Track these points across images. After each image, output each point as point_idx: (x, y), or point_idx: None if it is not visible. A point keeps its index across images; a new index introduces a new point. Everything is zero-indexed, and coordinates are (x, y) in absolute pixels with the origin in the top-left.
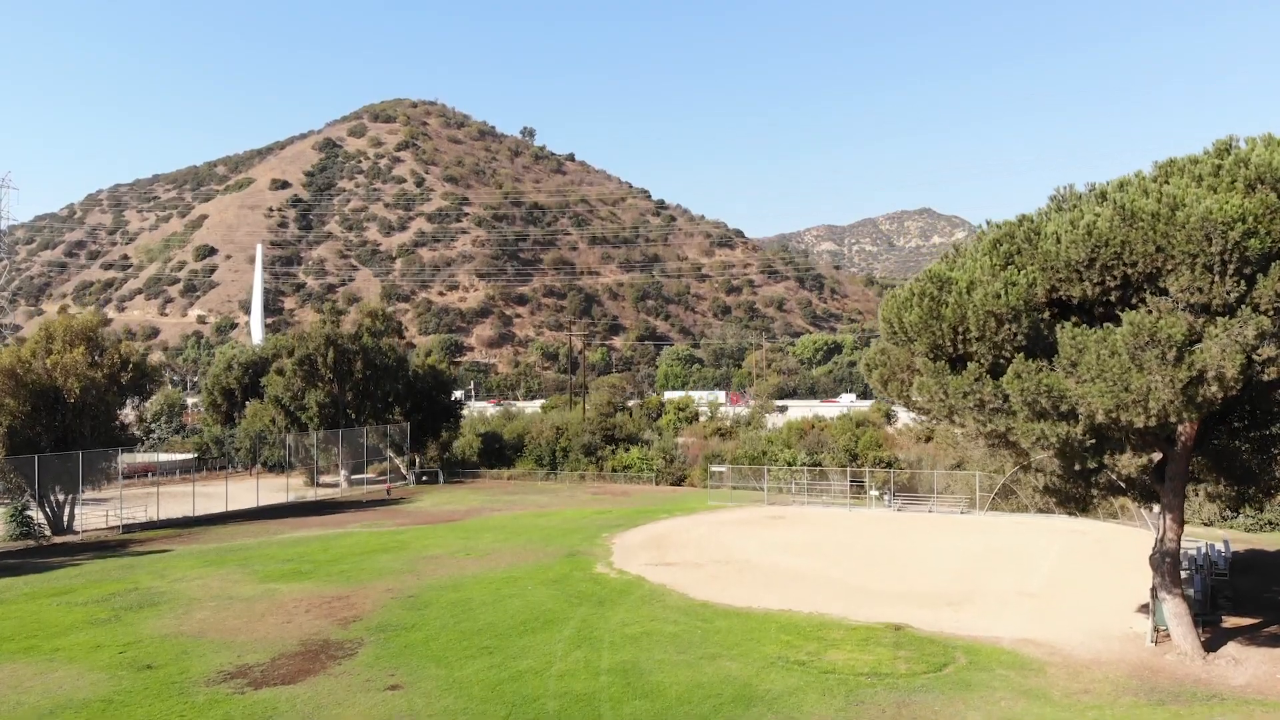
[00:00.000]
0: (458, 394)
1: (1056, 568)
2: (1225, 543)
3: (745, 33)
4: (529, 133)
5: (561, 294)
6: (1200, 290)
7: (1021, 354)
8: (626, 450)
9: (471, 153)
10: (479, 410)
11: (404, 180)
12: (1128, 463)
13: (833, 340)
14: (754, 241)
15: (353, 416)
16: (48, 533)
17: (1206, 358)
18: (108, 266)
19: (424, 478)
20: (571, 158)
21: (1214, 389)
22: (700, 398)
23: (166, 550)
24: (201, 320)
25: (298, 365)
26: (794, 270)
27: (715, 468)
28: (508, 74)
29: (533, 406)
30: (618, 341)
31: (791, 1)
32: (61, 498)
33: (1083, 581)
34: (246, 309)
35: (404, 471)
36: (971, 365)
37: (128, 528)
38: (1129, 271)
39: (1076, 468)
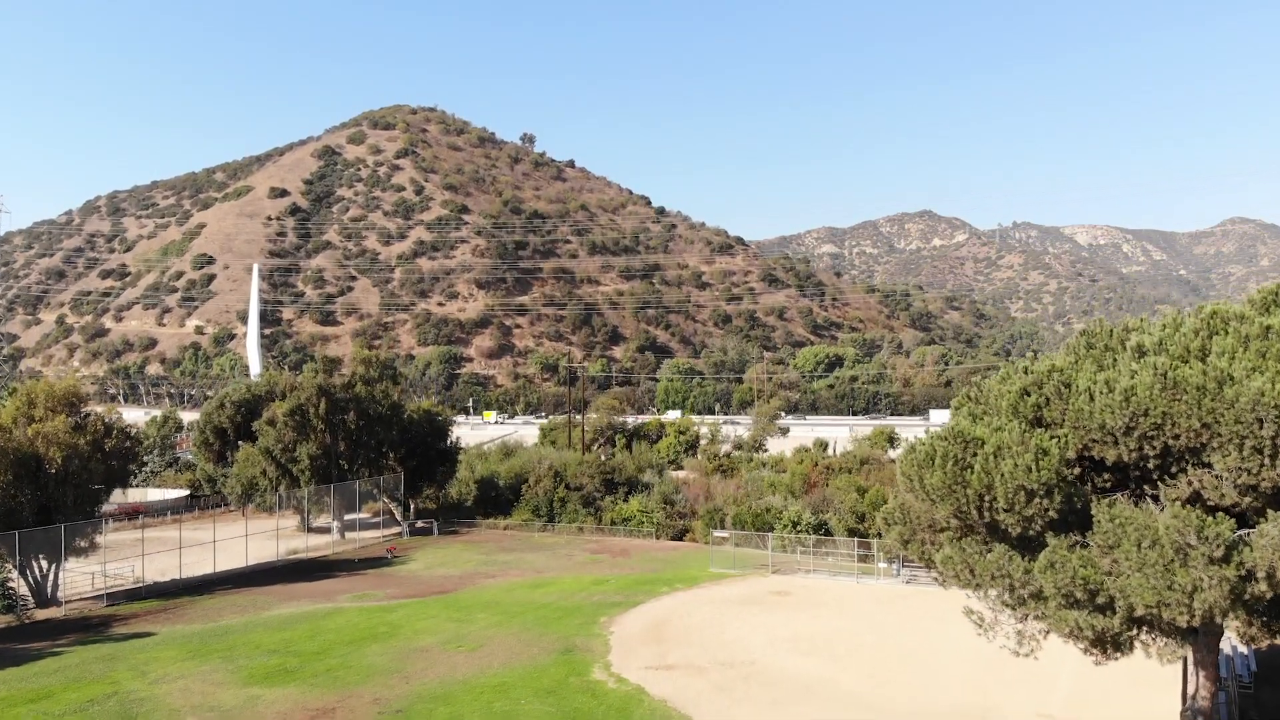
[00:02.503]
0: (454, 435)
1: (1076, 674)
2: (1249, 643)
3: (745, 37)
4: (529, 139)
5: (561, 304)
6: (1249, 472)
7: (1052, 531)
8: (626, 500)
9: (471, 160)
10: (475, 442)
11: (403, 188)
12: (1172, 654)
13: (834, 353)
14: (755, 248)
15: (345, 467)
16: (31, 604)
17: (1257, 555)
18: (105, 275)
19: (419, 523)
20: (571, 164)
21: (1263, 587)
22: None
23: (149, 634)
24: (199, 331)
25: (289, 416)
26: (795, 278)
27: (718, 533)
28: (508, 80)
29: (531, 429)
30: (618, 352)
31: (791, 5)
32: (44, 566)
33: (1105, 697)
34: (244, 319)
35: (397, 518)
36: (999, 547)
37: (112, 597)
38: (1170, 443)
39: (1111, 655)
